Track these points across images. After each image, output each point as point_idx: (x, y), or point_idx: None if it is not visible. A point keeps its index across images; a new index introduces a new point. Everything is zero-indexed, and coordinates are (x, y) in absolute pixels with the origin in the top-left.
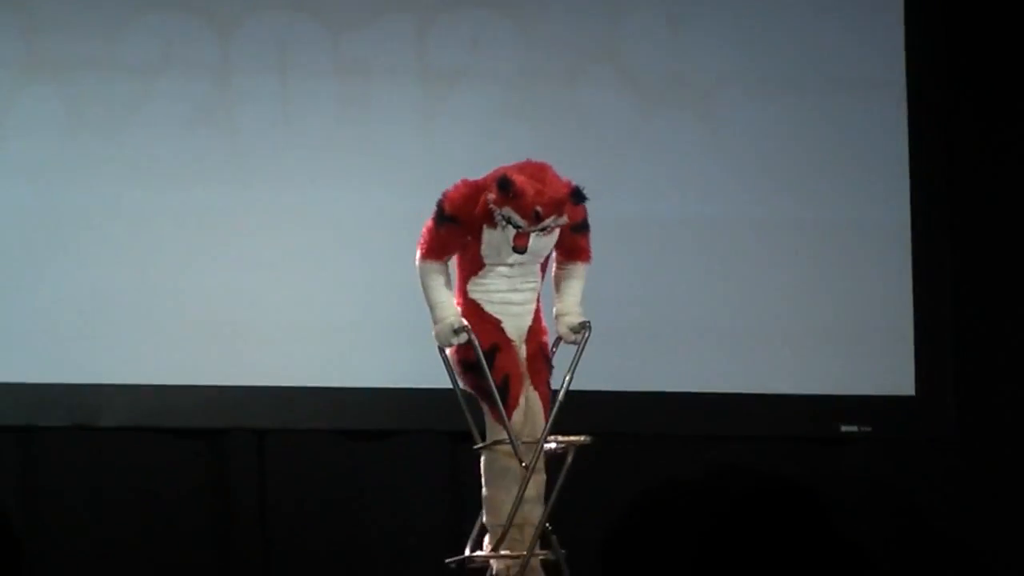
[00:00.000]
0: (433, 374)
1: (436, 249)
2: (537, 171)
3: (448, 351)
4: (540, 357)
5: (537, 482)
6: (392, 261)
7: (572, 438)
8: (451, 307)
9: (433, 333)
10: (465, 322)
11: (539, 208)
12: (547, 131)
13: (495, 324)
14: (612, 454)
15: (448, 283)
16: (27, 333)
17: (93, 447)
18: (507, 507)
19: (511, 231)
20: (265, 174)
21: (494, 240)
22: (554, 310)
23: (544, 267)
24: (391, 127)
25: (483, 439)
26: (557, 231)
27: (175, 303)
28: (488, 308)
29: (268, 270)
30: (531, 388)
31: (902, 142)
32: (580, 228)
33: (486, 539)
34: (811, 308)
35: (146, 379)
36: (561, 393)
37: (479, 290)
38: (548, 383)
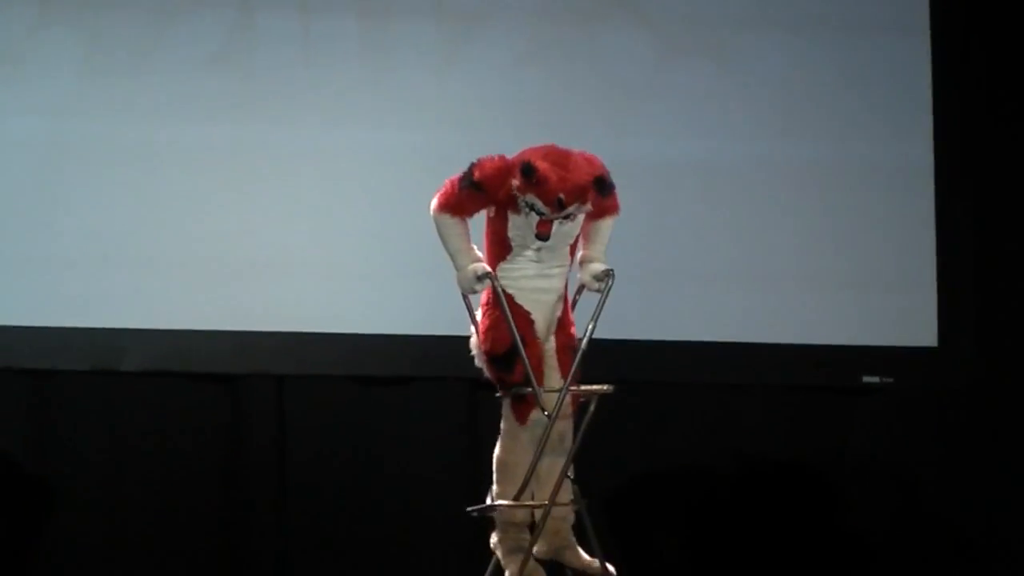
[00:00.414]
0: (452, 321)
1: (453, 205)
2: (561, 157)
3: (472, 342)
4: (567, 350)
5: (559, 431)
6: (413, 208)
7: (594, 387)
8: (472, 254)
9: (456, 280)
10: (488, 268)
11: (562, 195)
12: (564, 74)
13: (525, 317)
14: (632, 403)
15: (466, 234)
16: (46, 277)
17: (111, 391)
18: (520, 469)
19: (534, 218)
20: (285, 115)
21: (518, 224)
22: (578, 257)
23: (573, 251)
24: (410, 69)
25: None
26: (581, 217)
27: (194, 247)
28: (519, 298)
29: (288, 215)
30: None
31: (925, 84)
32: (606, 191)
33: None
34: (833, 258)
35: (165, 324)
36: (584, 341)
37: (508, 276)
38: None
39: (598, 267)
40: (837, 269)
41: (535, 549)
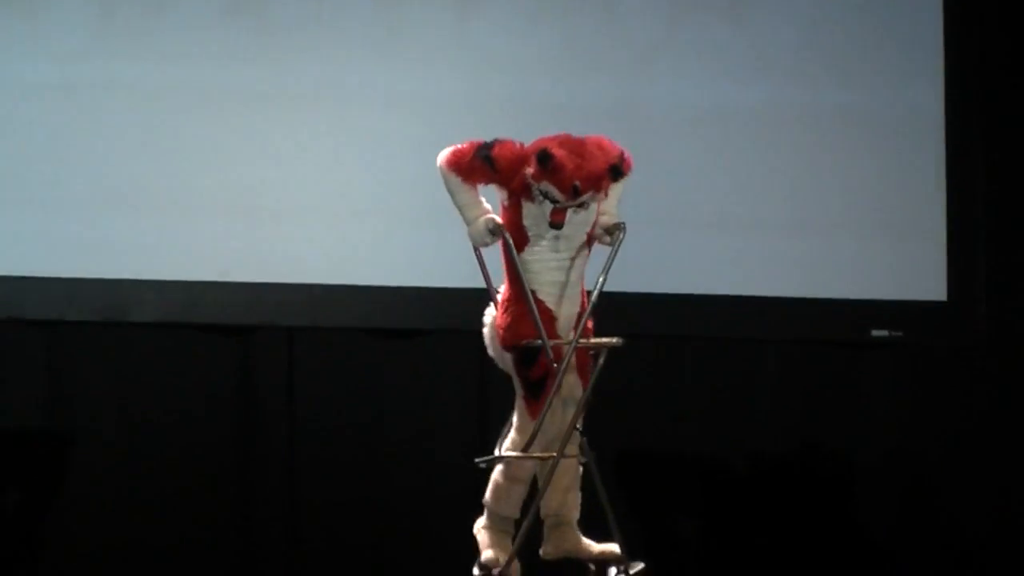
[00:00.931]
0: (463, 273)
1: (464, 169)
2: (576, 146)
3: (487, 332)
4: (586, 353)
5: (569, 384)
6: (425, 159)
7: (604, 340)
8: (481, 207)
9: (467, 234)
10: (499, 219)
11: (577, 183)
12: (577, 28)
13: (548, 316)
14: (641, 357)
15: (475, 188)
16: (55, 227)
17: (121, 342)
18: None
19: (548, 206)
20: (297, 63)
21: (532, 213)
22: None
23: (590, 242)
24: (425, 22)
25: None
26: (595, 206)
27: (204, 197)
28: (541, 293)
29: (300, 165)
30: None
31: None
32: (621, 176)
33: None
34: (842, 211)
35: (175, 275)
36: (595, 294)
37: (529, 270)
38: (588, 371)
39: (609, 220)
40: (846, 221)
41: (542, 551)
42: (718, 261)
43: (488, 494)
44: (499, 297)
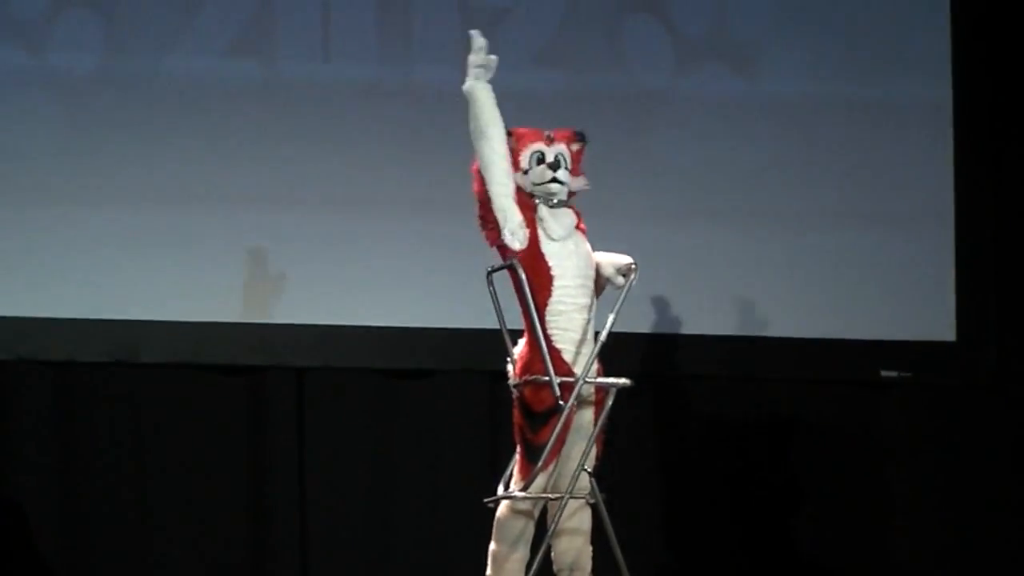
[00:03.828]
0: (472, 314)
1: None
2: None
3: (510, 369)
4: (601, 390)
5: (579, 424)
6: (433, 199)
7: (612, 380)
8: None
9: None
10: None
11: (548, 132)
12: (585, 77)
13: (566, 369)
14: (650, 396)
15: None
16: (67, 268)
17: (132, 383)
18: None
19: (541, 168)
20: (308, 103)
21: (534, 175)
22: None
23: (599, 291)
24: (433, 65)
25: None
26: (583, 179)
27: (214, 239)
28: (560, 341)
29: (309, 208)
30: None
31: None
32: (585, 138)
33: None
34: (853, 253)
35: (186, 316)
36: (603, 334)
37: (555, 327)
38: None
39: (622, 259)
40: (856, 263)
41: None
42: (727, 302)
43: (492, 546)
44: (521, 341)
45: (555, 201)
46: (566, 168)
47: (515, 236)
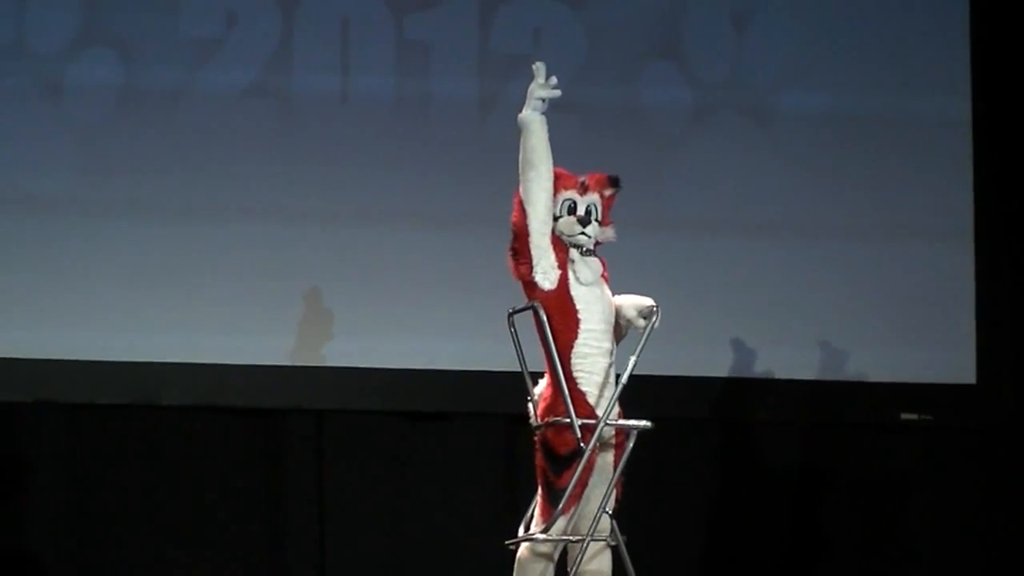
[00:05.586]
0: (491, 357)
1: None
2: None
3: (532, 409)
4: (622, 433)
5: (598, 467)
6: (452, 246)
7: (633, 422)
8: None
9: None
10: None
11: (583, 179)
12: (601, 125)
13: (589, 412)
14: (669, 439)
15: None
16: (85, 311)
17: (151, 425)
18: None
19: (571, 219)
20: (324, 152)
21: (563, 225)
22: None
23: (618, 336)
24: (449, 115)
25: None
26: (611, 230)
27: (234, 282)
28: (584, 384)
29: (327, 251)
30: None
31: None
32: (618, 184)
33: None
34: (872, 296)
35: (205, 358)
36: (624, 376)
37: (581, 370)
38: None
39: (644, 301)
40: (876, 307)
41: None
42: (747, 344)
43: None
44: (541, 382)
45: (584, 251)
46: (596, 220)
47: (547, 277)
